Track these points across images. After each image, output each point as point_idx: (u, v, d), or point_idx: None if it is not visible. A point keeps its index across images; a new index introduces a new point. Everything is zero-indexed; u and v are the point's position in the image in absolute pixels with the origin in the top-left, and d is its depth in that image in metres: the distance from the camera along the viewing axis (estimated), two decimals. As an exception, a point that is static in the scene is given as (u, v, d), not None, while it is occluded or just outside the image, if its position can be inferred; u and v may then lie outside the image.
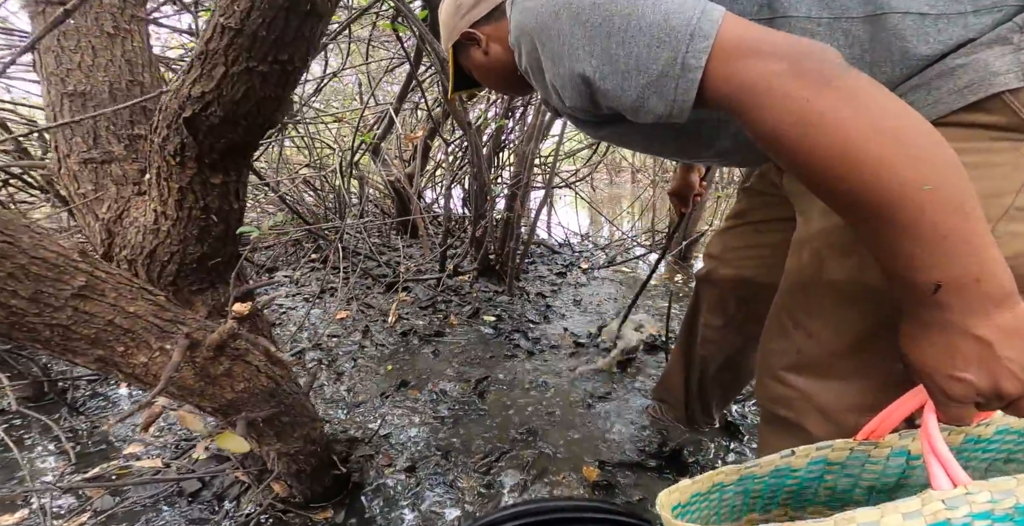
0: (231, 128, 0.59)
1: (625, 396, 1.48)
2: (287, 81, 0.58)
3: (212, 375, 0.60)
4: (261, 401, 0.70)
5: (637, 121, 0.51)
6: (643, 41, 0.43)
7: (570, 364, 1.71)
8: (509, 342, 1.88)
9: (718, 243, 1.06)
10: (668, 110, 0.46)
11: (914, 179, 0.34)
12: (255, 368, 0.68)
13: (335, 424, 1.37)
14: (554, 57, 0.52)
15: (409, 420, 1.39)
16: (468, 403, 1.47)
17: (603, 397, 1.47)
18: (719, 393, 1.22)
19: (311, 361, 1.77)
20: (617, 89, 0.48)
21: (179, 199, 0.66)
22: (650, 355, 1.74)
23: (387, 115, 2.85)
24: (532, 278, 2.65)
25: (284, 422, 0.78)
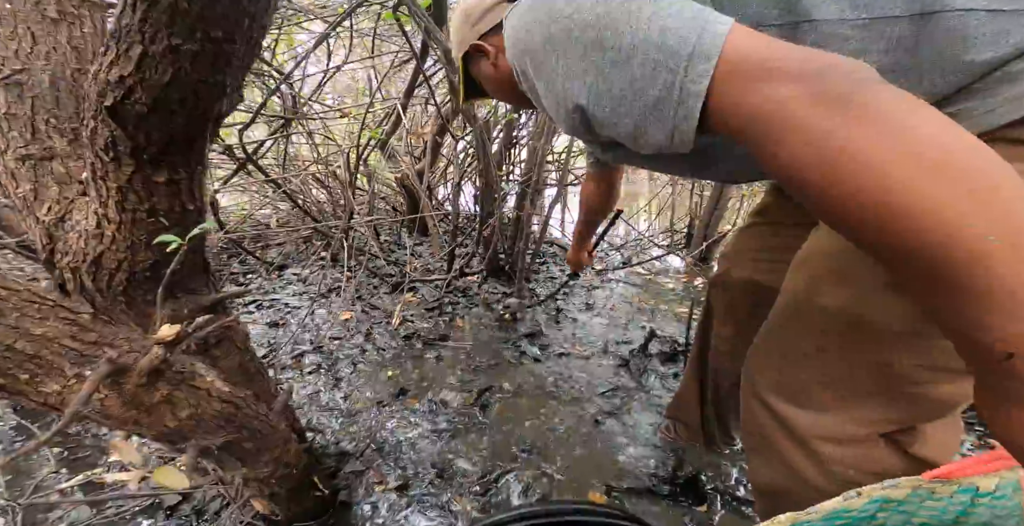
0: (166, 118, 0.51)
1: (637, 412, 1.36)
2: (227, 63, 0.49)
3: (146, 403, 0.53)
4: (214, 428, 0.62)
5: (637, 150, 0.46)
6: (638, 62, 0.39)
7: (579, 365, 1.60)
8: (516, 348, 1.79)
9: (735, 242, 0.94)
10: (668, 140, 0.42)
11: (974, 227, 0.27)
12: (204, 393, 0.60)
13: (328, 435, 1.30)
14: (547, 80, 0.47)
15: (405, 432, 1.30)
16: (469, 415, 1.38)
17: (613, 413, 1.36)
18: (737, 411, 1.10)
19: (310, 365, 1.71)
20: (612, 117, 0.44)
21: (119, 200, 0.59)
22: (666, 366, 1.62)
23: (394, 111, 2.78)
24: (543, 279, 2.54)
25: (247, 448, 0.70)
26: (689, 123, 0.39)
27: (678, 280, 2.52)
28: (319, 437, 1.29)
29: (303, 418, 1.37)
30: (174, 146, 0.56)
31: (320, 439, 1.28)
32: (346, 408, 1.43)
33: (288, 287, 2.62)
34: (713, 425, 1.12)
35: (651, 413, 1.36)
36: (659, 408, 1.38)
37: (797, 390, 0.57)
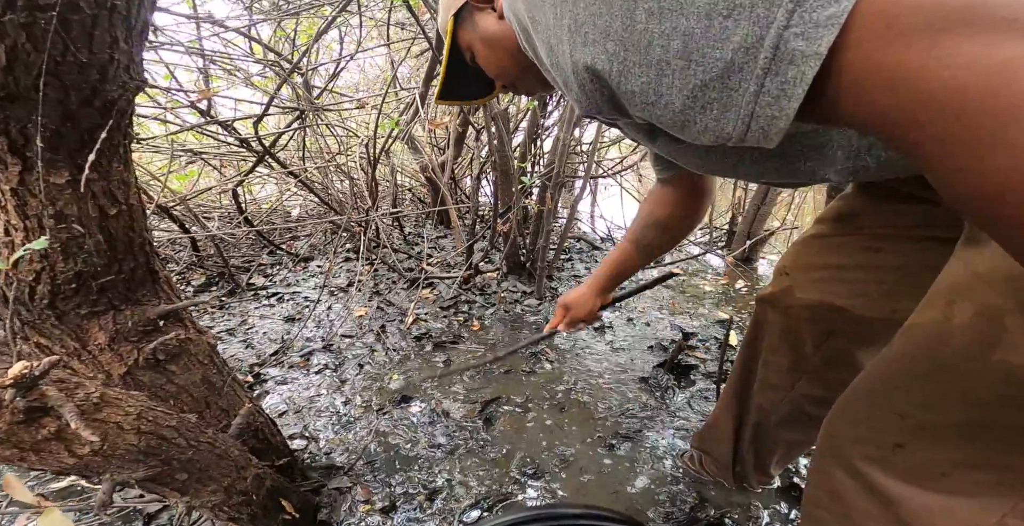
0: (30, 108, 0.41)
1: (657, 436, 1.20)
2: (86, 36, 0.39)
3: (27, 442, 0.45)
4: (130, 462, 0.54)
5: (686, 139, 0.34)
6: (695, 9, 0.26)
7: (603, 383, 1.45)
8: (531, 355, 1.66)
9: (798, 255, 0.76)
10: (741, 129, 0.29)
11: None
12: (114, 426, 0.51)
13: (320, 443, 1.24)
14: (549, 40, 0.35)
15: (401, 446, 1.22)
16: (471, 430, 1.27)
17: (629, 436, 1.20)
18: (782, 450, 0.92)
19: (317, 365, 1.66)
20: (648, 92, 0.31)
21: (18, 205, 0.50)
22: (695, 383, 1.44)
23: (413, 101, 2.69)
24: (566, 278, 2.39)
25: (182, 479, 0.61)
26: (786, 106, 0.25)
27: (715, 282, 2.29)
28: (311, 445, 1.22)
29: (299, 423, 1.32)
30: (65, 140, 0.47)
31: (312, 448, 1.22)
32: (345, 414, 1.36)
33: (311, 280, 2.61)
34: (748, 464, 0.95)
35: (673, 438, 1.20)
36: (683, 433, 1.21)
37: (923, 467, 0.42)
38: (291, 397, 1.45)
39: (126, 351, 0.66)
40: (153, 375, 0.71)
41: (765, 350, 0.83)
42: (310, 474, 1.10)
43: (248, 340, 1.89)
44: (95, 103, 0.45)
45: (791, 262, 0.77)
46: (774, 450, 0.91)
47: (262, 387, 1.53)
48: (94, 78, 0.42)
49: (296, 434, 1.27)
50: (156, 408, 0.56)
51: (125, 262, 0.63)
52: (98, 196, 0.54)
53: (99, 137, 0.48)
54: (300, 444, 1.23)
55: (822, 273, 0.72)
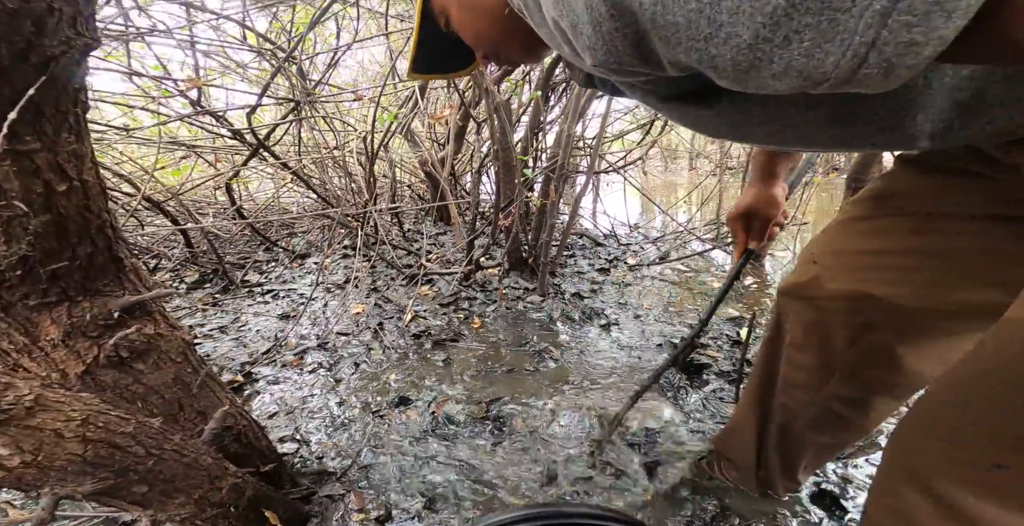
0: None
1: (675, 440, 1.12)
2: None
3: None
4: (74, 474, 0.46)
5: (745, 89, 0.27)
6: None
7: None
8: (536, 354, 1.58)
9: (830, 240, 0.68)
10: (850, 65, 0.22)
11: None
12: (50, 434, 0.44)
13: (312, 446, 1.16)
14: None
15: (398, 450, 1.14)
16: (473, 433, 1.19)
17: (643, 441, 1.13)
18: (810, 454, 0.84)
19: (311, 364, 1.58)
20: (699, 22, 0.24)
21: (-56, 176, 0.43)
22: (710, 383, 1.36)
23: (413, 94, 2.61)
24: (569, 274, 2.31)
25: (141, 492, 0.54)
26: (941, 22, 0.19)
27: (723, 278, 2.21)
28: (303, 449, 1.15)
29: (290, 425, 1.24)
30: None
31: (303, 452, 1.14)
32: (339, 416, 1.28)
33: (308, 277, 2.54)
34: (774, 469, 0.88)
35: (692, 438, 1.12)
36: (699, 436, 1.14)
37: None
38: (283, 397, 1.38)
39: (84, 348, 0.58)
40: (117, 375, 0.63)
41: (788, 347, 0.75)
42: (300, 480, 1.02)
43: (241, 338, 1.82)
44: (31, 59, 0.37)
45: (821, 249, 0.69)
46: (802, 454, 0.83)
47: (253, 387, 1.45)
48: (28, 30, 0.35)
49: (287, 437, 1.19)
50: (109, 412, 0.49)
51: (80, 246, 0.55)
52: (43, 170, 0.47)
53: (49, 101, 0.40)
54: (290, 447, 1.15)
55: (858, 260, 0.64)
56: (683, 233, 2.64)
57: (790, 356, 0.74)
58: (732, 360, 1.44)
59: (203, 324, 1.98)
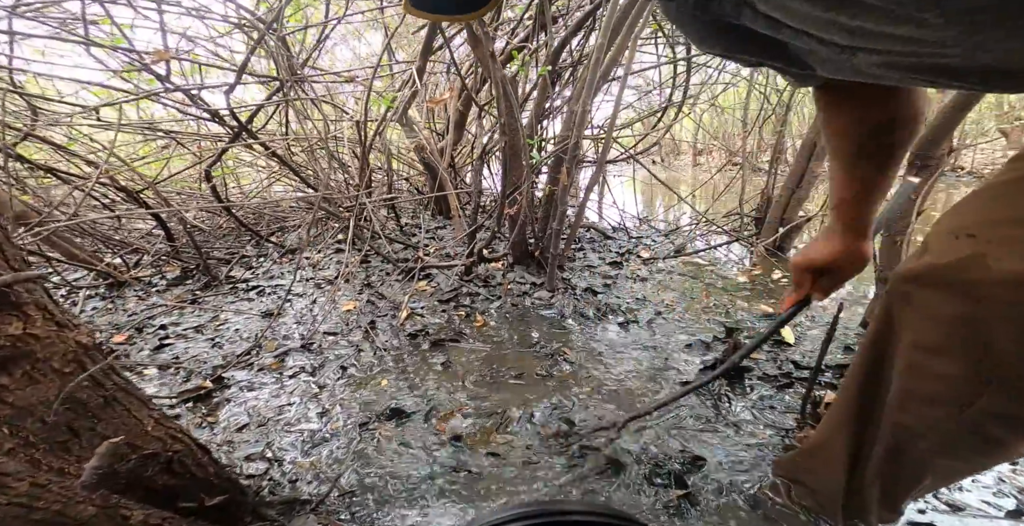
0: None
1: (720, 461, 0.92)
2: None
3: None
4: None
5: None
6: None
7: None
8: (548, 357, 1.38)
9: (992, 206, 0.48)
10: None
11: None
12: None
13: (285, 466, 0.95)
14: None
15: (388, 473, 0.93)
16: (476, 453, 0.99)
17: (683, 462, 0.92)
18: (931, 481, 0.64)
19: (293, 368, 1.37)
20: None
21: None
22: (752, 391, 1.16)
23: (410, 77, 2.41)
24: (579, 268, 2.11)
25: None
26: None
27: (749, 273, 2.02)
28: (274, 469, 0.94)
29: (261, 440, 1.03)
30: None
31: (274, 473, 0.93)
32: (320, 429, 1.07)
33: (298, 272, 2.33)
34: (870, 499, 0.67)
35: (743, 460, 0.91)
36: (755, 453, 0.93)
37: None
38: (256, 406, 1.17)
39: None
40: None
41: (913, 351, 0.55)
42: (265, 511, 0.82)
43: (218, 338, 1.61)
44: None
45: (977, 218, 0.49)
46: (917, 481, 0.63)
47: (223, 394, 1.24)
48: None
49: (256, 454, 0.99)
50: None
51: None
52: None
53: None
54: (258, 468, 0.94)
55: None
56: (699, 225, 2.45)
57: (917, 362, 0.54)
58: (777, 362, 1.23)
59: (178, 323, 1.77)
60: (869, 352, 0.61)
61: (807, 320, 1.52)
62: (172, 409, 1.17)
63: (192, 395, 1.21)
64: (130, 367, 1.41)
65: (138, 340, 1.64)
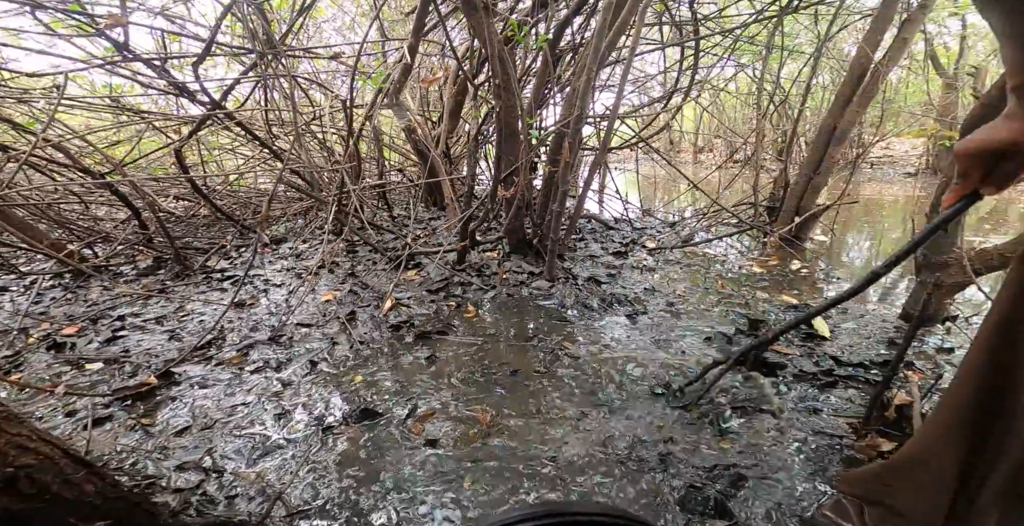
0: None
1: (768, 466, 0.73)
2: None
3: None
4: None
5: None
6: None
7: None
8: (547, 352, 1.19)
9: None
10: None
11: None
12: None
13: (224, 480, 0.77)
14: None
15: (351, 488, 0.75)
16: (459, 464, 0.80)
17: (711, 476, 0.74)
18: None
19: (256, 361, 1.19)
20: None
21: None
22: (790, 392, 0.97)
23: (401, 57, 2.24)
24: (581, 258, 1.93)
25: None
26: None
27: (763, 264, 1.84)
28: (209, 482, 0.76)
29: (201, 446, 0.85)
30: None
31: (210, 486, 0.75)
32: (274, 434, 0.89)
33: (278, 262, 2.15)
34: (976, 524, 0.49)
35: (792, 475, 0.73)
36: (807, 463, 0.75)
37: None
38: (204, 407, 0.98)
39: None
40: None
41: None
42: (186, 543, 0.63)
43: (179, 330, 1.42)
44: None
45: None
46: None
47: (169, 391, 1.05)
48: None
49: (190, 463, 0.80)
50: None
51: None
52: None
53: None
54: (190, 480, 0.76)
55: None
56: (709, 215, 2.27)
57: None
58: (813, 357, 1.05)
59: (139, 314, 1.58)
60: (995, 338, 0.44)
61: (838, 313, 1.34)
62: (105, 409, 0.98)
63: (131, 393, 1.02)
64: (71, 361, 1.23)
65: (91, 332, 1.45)
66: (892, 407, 0.73)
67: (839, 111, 1.87)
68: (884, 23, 1.80)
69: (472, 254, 1.89)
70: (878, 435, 0.73)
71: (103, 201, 2.43)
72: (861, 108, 1.85)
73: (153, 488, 0.75)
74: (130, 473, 0.79)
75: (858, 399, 0.88)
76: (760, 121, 2.02)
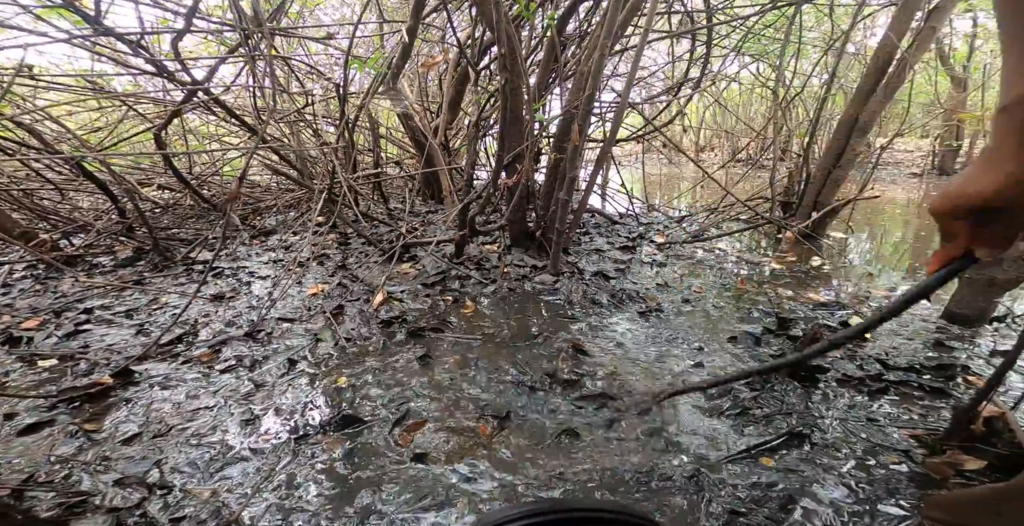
0: None
1: (823, 487, 0.60)
2: None
3: None
4: None
5: None
6: None
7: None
8: (553, 353, 1.06)
9: None
10: None
11: None
12: None
13: (173, 496, 0.63)
14: None
15: (324, 512, 0.62)
16: (457, 485, 0.67)
17: (782, 508, 0.61)
18: None
19: (229, 359, 1.05)
20: None
21: None
22: (840, 399, 0.85)
23: (400, 39, 2.11)
24: (586, 252, 1.80)
25: None
26: None
27: (781, 261, 1.72)
28: (153, 500, 0.62)
29: (149, 456, 0.71)
30: None
31: (151, 506, 0.61)
32: (238, 443, 0.76)
33: (266, 254, 2.01)
34: None
35: (855, 499, 0.60)
36: (865, 483, 0.62)
37: None
38: (160, 410, 0.85)
39: None
40: None
41: None
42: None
43: (148, 324, 1.28)
44: None
45: None
46: None
47: (125, 392, 0.92)
48: None
49: (132, 477, 0.66)
50: None
51: None
52: None
53: None
54: (129, 498, 0.62)
55: None
56: (720, 210, 2.15)
57: None
58: (856, 361, 0.93)
59: (109, 306, 1.45)
60: None
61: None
62: (49, 412, 0.85)
63: (80, 394, 0.89)
64: (24, 357, 1.09)
65: (53, 325, 1.31)
66: (980, 420, 0.61)
67: (861, 102, 1.76)
68: (911, 11, 1.69)
69: (471, 247, 1.76)
70: (960, 453, 0.60)
71: (85, 190, 2.29)
72: (886, 98, 1.74)
73: (84, 507, 0.62)
74: (60, 489, 0.65)
75: (916, 408, 0.76)
76: (777, 108, 1.90)
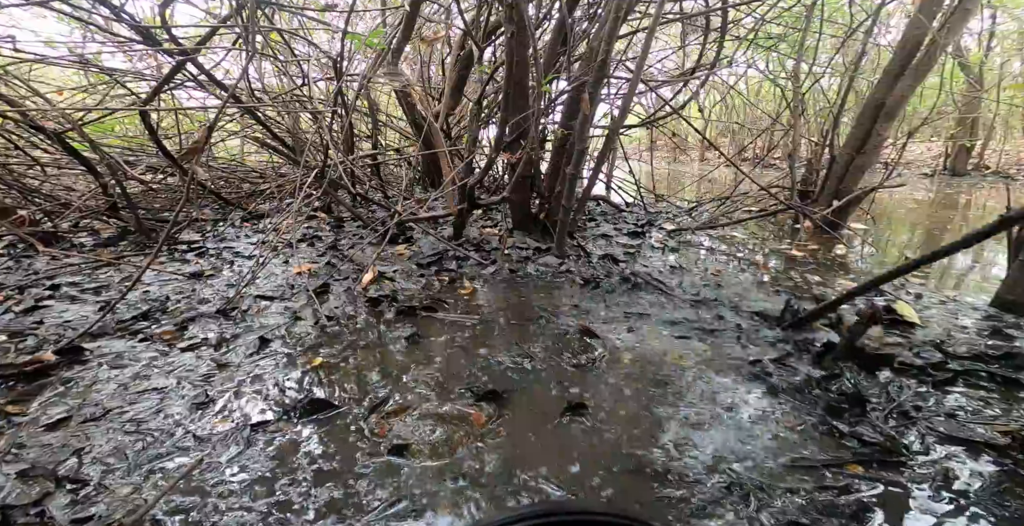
0: None
1: (904, 507, 0.46)
2: None
3: None
4: None
5: None
6: None
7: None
8: (559, 338, 0.93)
9: None
10: None
11: None
12: None
13: (84, 492, 0.50)
14: None
15: (270, 515, 0.49)
16: (440, 483, 0.54)
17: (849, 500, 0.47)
18: None
19: (193, 337, 0.92)
20: None
21: None
22: (947, 401, 0.71)
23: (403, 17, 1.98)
24: (593, 237, 1.67)
25: None
26: None
27: (803, 248, 1.58)
28: (59, 496, 0.49)
29: (70, 445, 0.58)
30: None
31: (54, 503, 0.48)
32: (179, 432, 0.62)
33: (255, 236, 1.89)
34: None
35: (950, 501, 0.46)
36: (958, 498, 0.48)
37: None
38: (100, 391, 0.71)
39: None
40: None
41: None
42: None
43: (113, 301, 1.16)
44: None
45: None
46: None
47: (68, 371, 0.78)
48: None
49: (40, 468, 0.53)
50: None
51: None
52: None
53: None
54: (28, 493, 0.49)
55: None
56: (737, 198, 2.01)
57: None
58: (911, 348, 0.79)
59: (79, 283, 1.32)
60: None
61: (913, 299, 1.08)
62: (-28, 391, 0.71)
63: (11, 372, 0.75)
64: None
65: (13, 302, 1.18)
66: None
67: (888, 85, 1.62)
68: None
69: (471, 229, 1.63)
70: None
71: (71, 170, 2.16)
72: (915, 81, 1.60)
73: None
74: (-48, 483, 0.52)
75: (995, 401, 0.62)
76: (797, 93, 1.77)
